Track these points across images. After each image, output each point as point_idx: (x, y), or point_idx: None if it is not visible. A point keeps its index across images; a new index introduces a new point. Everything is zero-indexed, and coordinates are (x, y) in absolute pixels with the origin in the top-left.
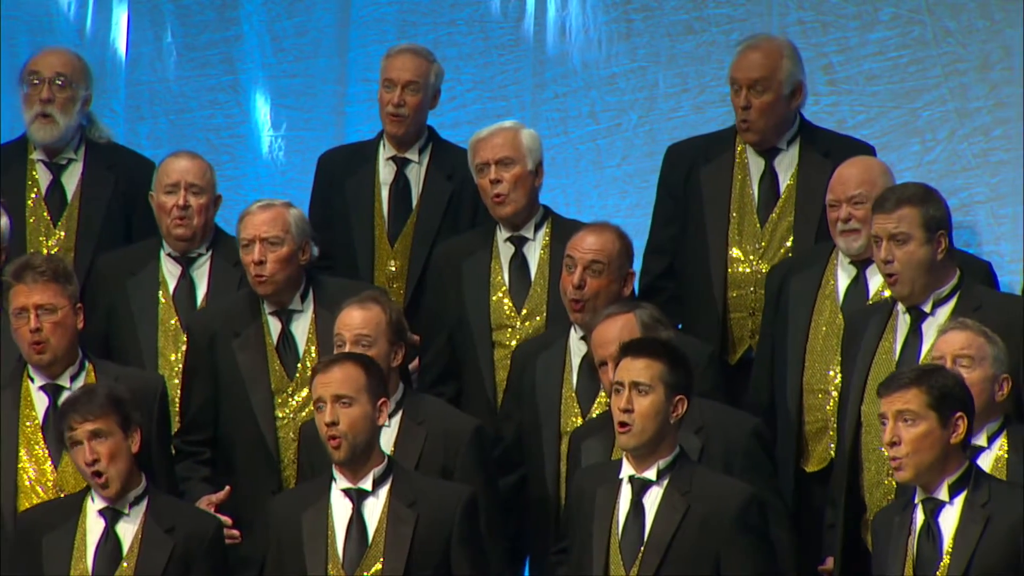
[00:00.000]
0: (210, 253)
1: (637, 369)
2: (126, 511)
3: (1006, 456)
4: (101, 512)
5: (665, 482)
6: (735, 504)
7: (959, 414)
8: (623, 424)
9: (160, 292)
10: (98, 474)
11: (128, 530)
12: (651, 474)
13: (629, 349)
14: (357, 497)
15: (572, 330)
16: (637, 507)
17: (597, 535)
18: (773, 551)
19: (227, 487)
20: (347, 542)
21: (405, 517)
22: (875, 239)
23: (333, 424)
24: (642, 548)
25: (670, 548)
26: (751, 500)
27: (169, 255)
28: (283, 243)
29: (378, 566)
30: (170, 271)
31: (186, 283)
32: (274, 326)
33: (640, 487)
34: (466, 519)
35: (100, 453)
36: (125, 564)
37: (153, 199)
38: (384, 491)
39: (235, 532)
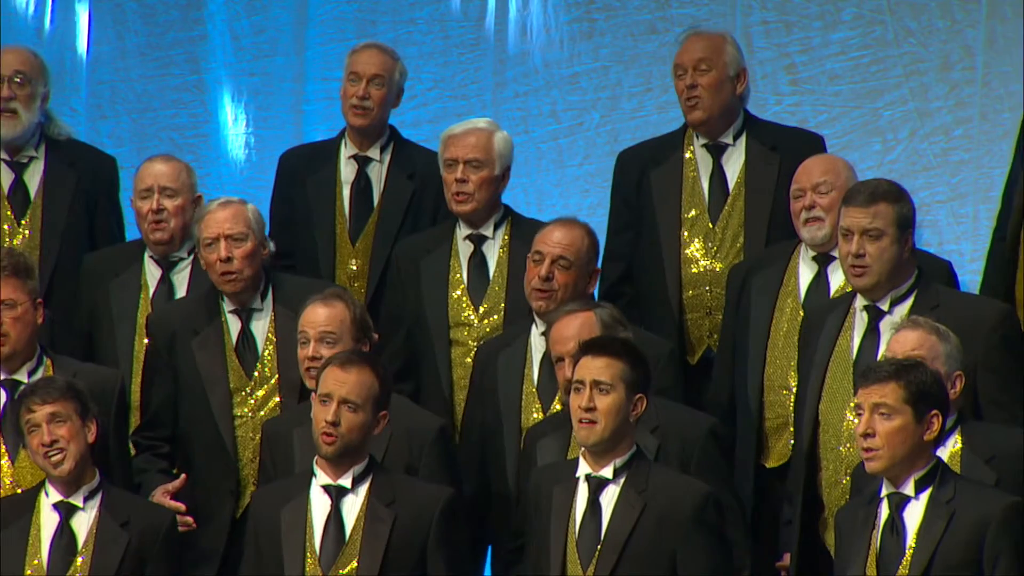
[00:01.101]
0: (192, 257)
1: (598, 368)
2: (80, 505)
3: (960, 452)
4: (55, 506)
5: (622, 480)
6: (692, 502)
7: (934, 412)
8: (584, 421)
9: (140, 295)
10: (56, 452)
11: (83, 524)
12: (608, 472)
13: (589, 348)
14: (336, 494)
15: (533, 327)
16: (594, 506)
17: (554, 534)
18: (729, 549)
19: (183, 475)
20: (324, 539)
21: (383, 516)
22: (845, 232)
23: (334, 424)
24: (599, 547)
25: (627, 546)
26: (707, 498)
27: (151, 258)
28: (247, 239)
29: (353, 564)
30: (152, 274)
31: (165, 287)
32: (233, 325)
33: (597, 486)
34: (444, 521)
35: (58, 435)
36: (80, 558)
37: (133, 204)
38: (363, 489)
39: (189, 519)
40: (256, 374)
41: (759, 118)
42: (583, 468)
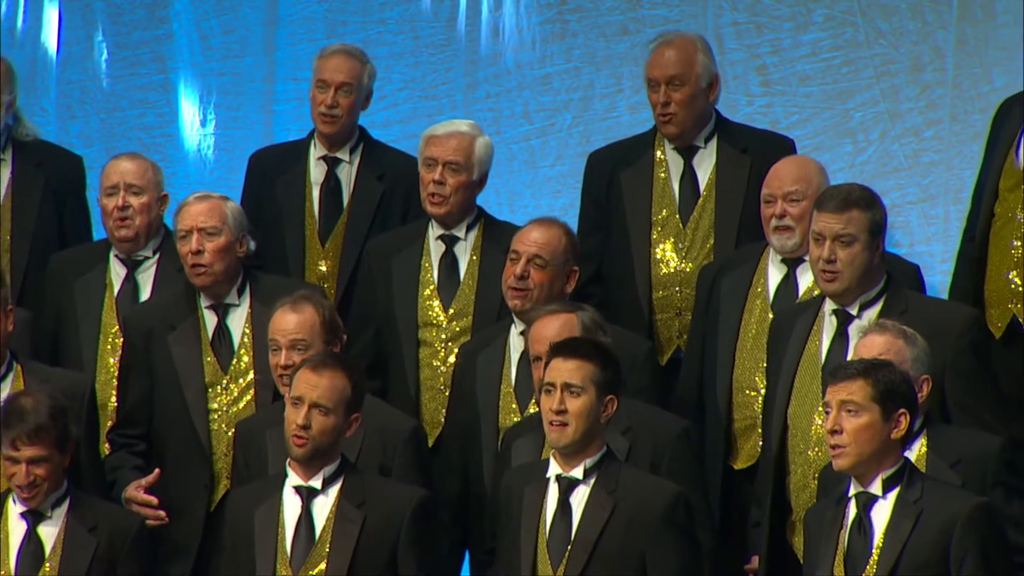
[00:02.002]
0: (157, 256)
1: (568, 371)
2: (48, 513)
3: (925, 455)
4: (23, 515)
5: (592, 481)
6: (662, 503)
7: (902, 411)
8: (555, 424)
9: (105, 294)
10: (31, 488)
11: (50, 531)
12: (578, 473)
13: (560, 350)
14: (307, 495)
15: (512, 327)
16: (564, 506)
17: (525, 534)
18: (699, 550)
19: (157, 470)
20: (295, 540)
21: (353, 517)
22: (817, 236)
23: (305, 427)
24: (569, 547)
25: (597, 547)
26: (678, 499)
27: (117, 257)
28: (220, 233)
29: (322, 565)
30: (116, 273)
31: (130, 286)
32: (210, 320)
33: (567, 486)
34: (416, 522)
35: (36, 474)
36: (48, 565)
37: (100, 202)
38: (334, 490)
39: (161, 513)
40: (232, 368)
41: (730, 120)
42: (553, 469)
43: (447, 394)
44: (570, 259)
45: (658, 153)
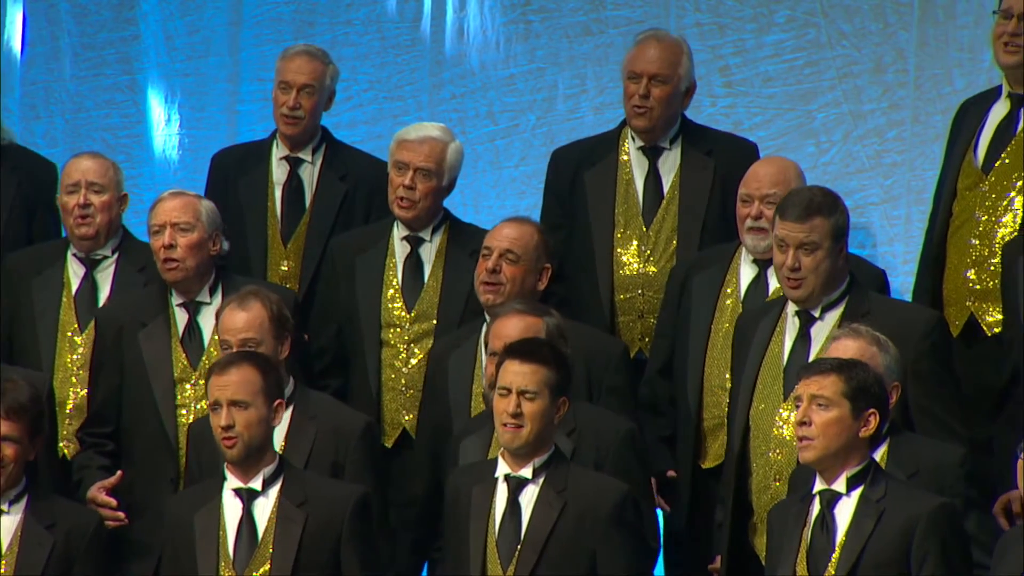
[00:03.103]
0: (116, 256)
1: (524, 375)
2: (5, 509)
3: (885, 465)
4: None
5: (541, 480)
6: (611, 501)
7: (872, 410)
8: (509, 426)
9: (63, 293)
10: None
11: (7, 528)
12: (527, 472)
13: (515, 353)
14: (247, 497)
15: (484, 327)
16: (513, 506)
17: (474, 534)
18: (648, 548)
19: (119, 472)
20: (237, 542)
21: (294, 517)
22: (780, 244)
23: (229, 428)
24: (519, 546)
25: (547, 546)
26: (626, 497)
27: (75, 256)
28: (193, 229)
29: (266, 566)
30: (75, 272)
31: (89, 285)
32: (180, 317)
33: (516, 485)
34: (356, 519)
35: (4, 456)
36: (4, 562)
37: (59, 201)
38: (274, 491)
39: (120, 515)
40: (201, 365)
41: (695, 123)
42: (502, 468)
43: (408, 395)
44: (542, 256)
45: (623, 154)
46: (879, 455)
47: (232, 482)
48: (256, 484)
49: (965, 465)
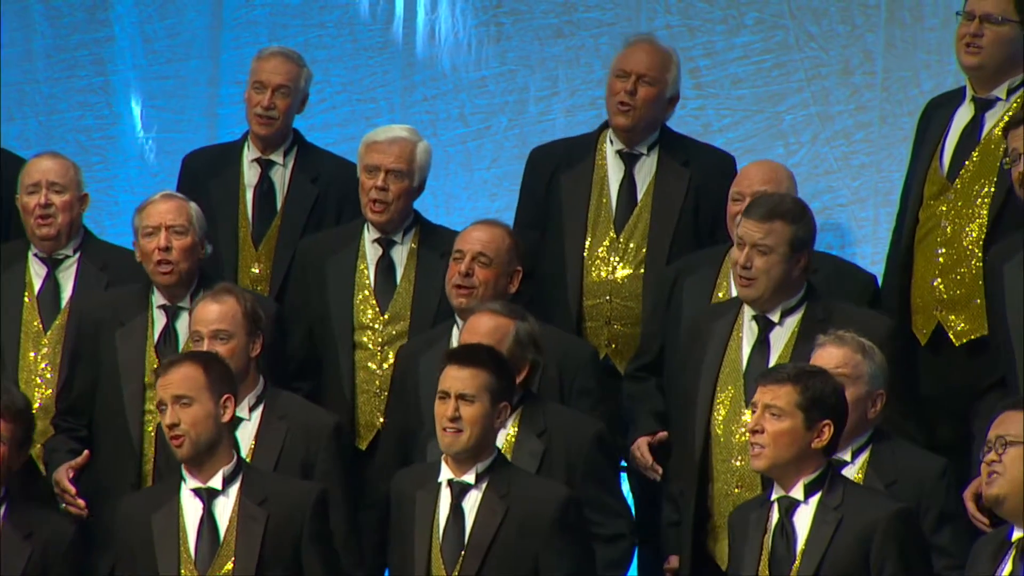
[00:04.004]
0: (77, 255)
1: (463, 379)
2: None
3: (864, 471)
4: None
5: (484, 485)
6: (553, 506)
7: (827, 421)
8: (448, 430)
9: (25, 293)
10: None
11: None
12: (470, 477)
13: (454, 358)
14: (207, 496)
15: (455, 328)
16: (457, 511)
17: (418, 538)
18: (591, 551)
19: (86, 451)
20: (199, 542)
21: (256, 515)
22: (739, 241)
23: (174, 425)
24: (463, 551)
25: (490, 550)
26: (568, 501)
27: (36, 256)
28: (188, 233)
29: (229, 565)
30: (36, 272)
31: (51, 285)
32: (159, 320)
33: (459, 491)
34: (316, 517)
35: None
36: None
37: (19, 201)
38: (234, 490)
39: (80, 502)
40: None
41: (674, 131)
42: (445, 473)
43: (383, 397)
44: (514, 259)
45: (600, 157)
46: (859, 462)
47: (190, 482)
48: (216, 483)
49: (946, 476)
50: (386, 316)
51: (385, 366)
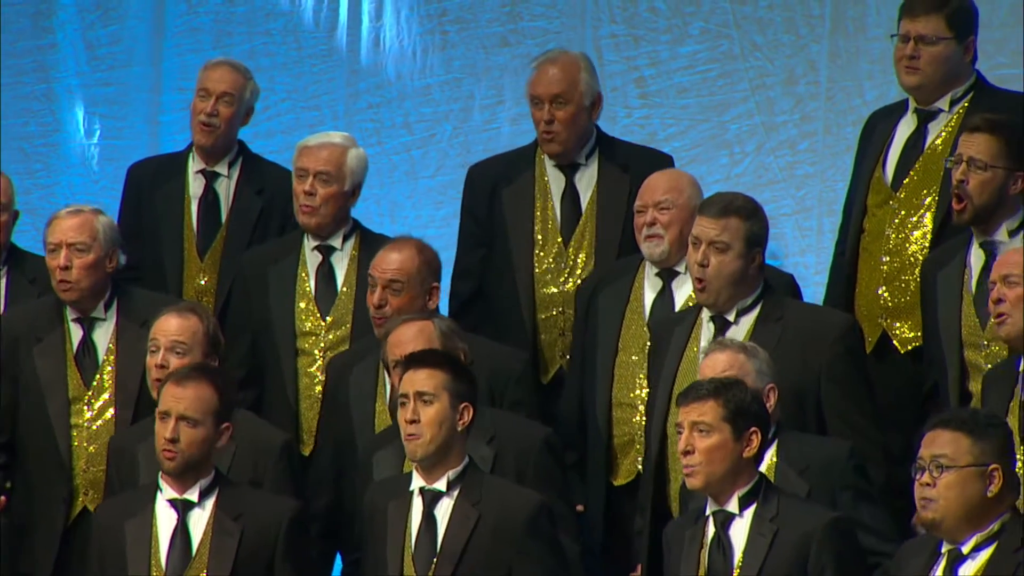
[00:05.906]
0: (5, 269)
1: (420, 380)
2: None
3: (775, 464)
4: None
5: (456, 493)
6: (525, 512)
7: (753, 429)
8: (410, 435)
9: None
10: None
11: None
12: (441, 485)
13: (411, 361)
14: (183, 508)
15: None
16: (429, 519)
17: (391, 548)
18: (564, 557)
19: (3, 498)
20: (171, 552)
21: (230, 530)
22: (694, 240)
23: (173, 441)
24: (435, 560)
25: (463, 558)
26: (540, 508)
27: None
28: (90, 250)
29: None
30: None
31: None
32: (75, 333)
33: (431, 499)
34: (291, 534)
35: None
36: None
37: None
38: (210, 503)
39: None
40: (94, 384)
41: (611, 136)
42: (416, 482)
43: None
44: (427, 277)
45: (539, 170)
46: (769, 456)
47: (167, 492)
48: (192, 496)
49: (853, 458)
50: (328, 321)
51: None
